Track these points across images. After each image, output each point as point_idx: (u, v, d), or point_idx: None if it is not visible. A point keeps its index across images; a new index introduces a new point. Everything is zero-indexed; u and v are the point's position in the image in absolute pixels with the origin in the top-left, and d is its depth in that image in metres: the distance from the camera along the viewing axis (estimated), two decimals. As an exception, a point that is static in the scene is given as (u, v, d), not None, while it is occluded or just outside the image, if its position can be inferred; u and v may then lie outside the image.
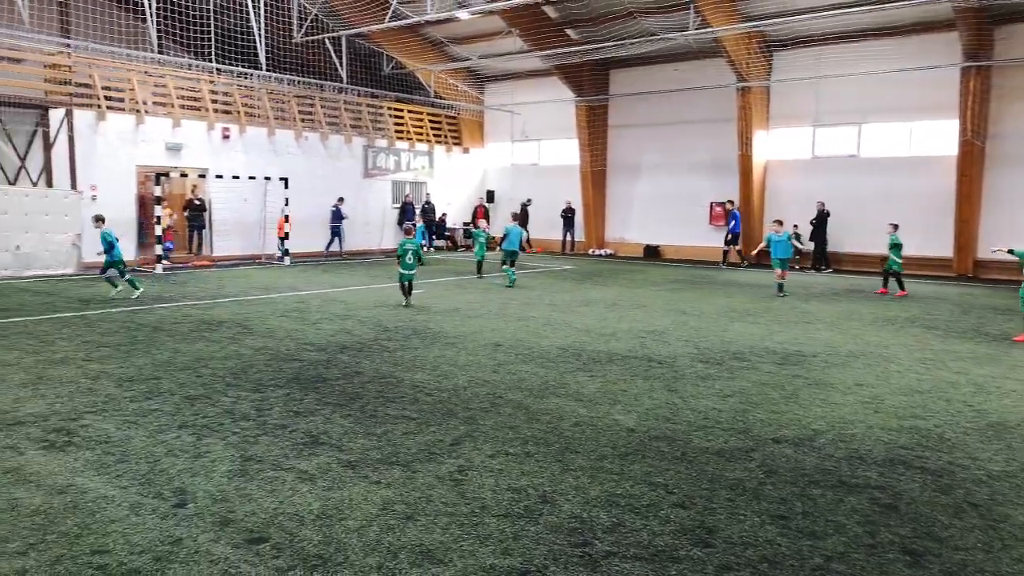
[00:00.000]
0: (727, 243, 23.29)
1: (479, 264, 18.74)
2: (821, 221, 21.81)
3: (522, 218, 26.73)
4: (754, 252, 18.86)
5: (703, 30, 20.63)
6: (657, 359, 9.26)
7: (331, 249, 23.89)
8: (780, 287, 15.84)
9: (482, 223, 23.77)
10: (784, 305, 14.40)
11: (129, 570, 3.87)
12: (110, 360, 8.64)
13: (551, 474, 5.36)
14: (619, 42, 22.31)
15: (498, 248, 20.27)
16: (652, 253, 26.04)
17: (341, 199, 23.99)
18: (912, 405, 7.34)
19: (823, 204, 21.76)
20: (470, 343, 10.05)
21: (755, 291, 16.69)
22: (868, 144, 22.12)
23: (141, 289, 13.99)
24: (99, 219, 14.13)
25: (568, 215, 27.40)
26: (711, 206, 24.89)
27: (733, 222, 23.28)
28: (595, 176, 27.00)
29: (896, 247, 16.25)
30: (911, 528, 4.58)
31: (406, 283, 13.38)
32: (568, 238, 27.53)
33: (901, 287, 16.30)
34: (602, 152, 27.16)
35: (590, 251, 27.05)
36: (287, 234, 21.54)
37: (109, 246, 13.64)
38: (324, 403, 7.05)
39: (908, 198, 21.00)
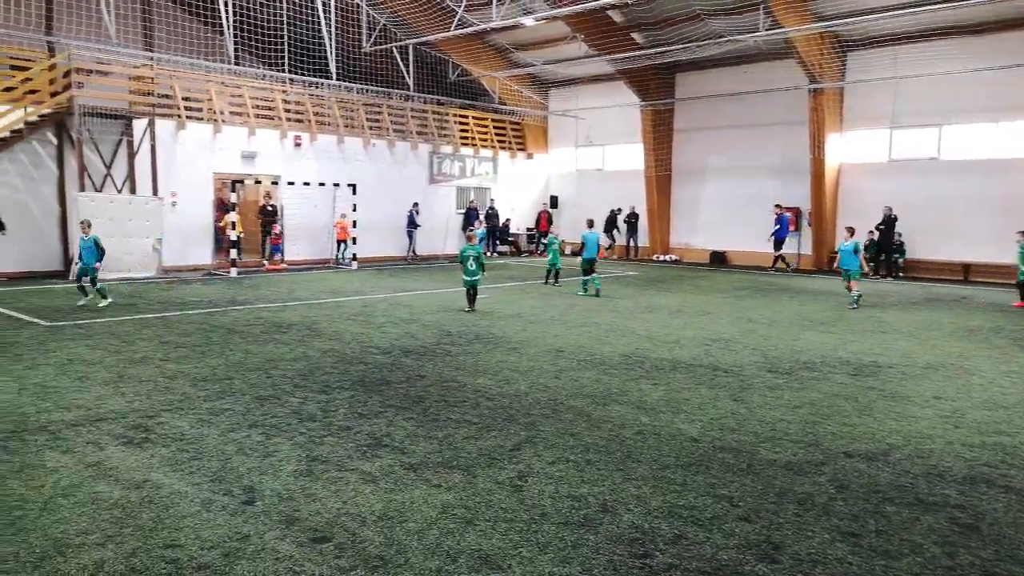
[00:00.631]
0: (775, 247, 22.96)
1: (555, 272, 18.09)
2: (888, 227, 21.01)
3: (608, 226, 26.74)
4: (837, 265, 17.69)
5: (774, 31, 20.15)
6: (723, 368, 9.07)
7: (410, 253, 24.69)
8: (856, 299, 14.73)
9: (555, 229, 23.69)
10: (859, 314, 13.90)
11: (199, 564, 4.00)
12: (186, 360, 8.98)
13: (612, 483, 5.30)
14: (686, 45, 22.01)
15: (575, 255, 19.62)
16: (719, 259, 25.54)
17: (416, 204, 24.49)
18: (996, 420, 6.97)
19: (890, 209, 20.97)
20: (532, 348, 10.04)
21: (829, 299, 16.16)
22: (950, 146, 21.17)
23: (109, 300, 13.34)
24: (87, 224, 13.70)
25: (632, 220, 27.13)
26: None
27: (779, 226, 22.91)
28: (660, 181, 26.67)
29: None
30: (993, 550, 4.34)
31: (469, 289, 13.41)
32: (631, 243, 27.25)
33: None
34: (667, 156, 26.81)
35: (654, 257, 26.72)
36: (353, 239, 21.95)
37: (89, 252, 13.01)
38: (387, 406, 7.15)
39: (994, 202, 20.00)
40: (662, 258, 26.52)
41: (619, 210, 27.39)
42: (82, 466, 5.39)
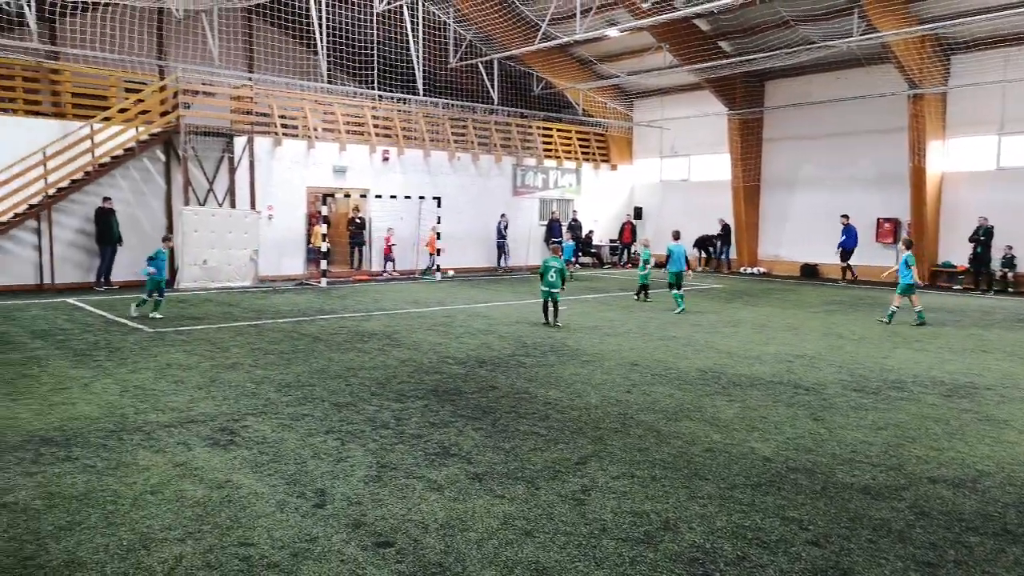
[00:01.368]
0: (841, 258, 22.39)
1: (644, 287, 17.14)
2: (987, 238, 19.80)
3: (701, 244, 26.32)
4: (884, 274, 16.48)
5: (869, 35, 19.39)
6: (804, 386, 8.77)
7: (500, 264, 25.25)
8: (918, 316, 13.85)
9: (646, 240, 23.28)
10: (959, 332, 13.15)
11: (269, 563, 4.21)
12: (273, 367, 9.41)
13: (676, 500, 5.23)
14: (775, 52, 21.46)
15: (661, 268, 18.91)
16: (809, 272, 24.66)
17: (504, 216, 25.08)
18: (1104, 449, 6.46)
19: (985, 219, 19.82)
20: (607, 362, 10.00)
21: (930, 315, 15.31)
22: (1066, 152, 19.78)
23: (140, 310, 13.54)
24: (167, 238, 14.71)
25: (724, 233, 26.52)
26: (878, 222, 23.22)
27: (845, 236, 22.33)
28: (748, 191, 26.02)
29: None
30: (1087, 589, 4.05)
31: (547, 300, 13.18)
32: (723, 256, 26.64)
33: None
34: (756, 166, 26.14)
35: (741, 269, 26.05)
36: (438, 250, 22.43)
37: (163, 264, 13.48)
38: (458, 415, 7.29)
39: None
40: (750, 271, 25.83)
41: (722, 227, 26.75)
42: (171, 465, 5.74)
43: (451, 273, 22.32)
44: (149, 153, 18.96)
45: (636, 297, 17.24)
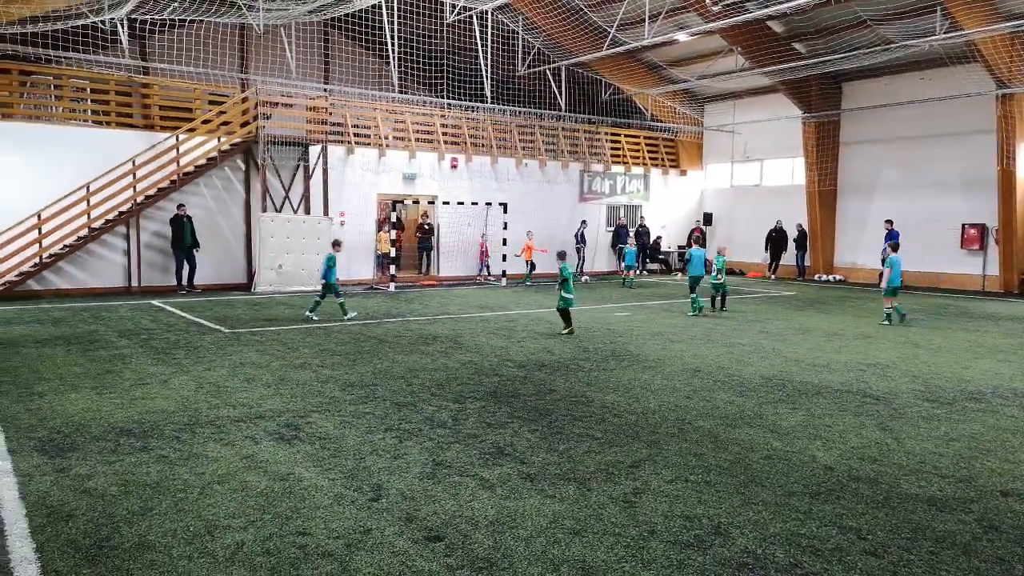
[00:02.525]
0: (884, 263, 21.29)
1: (721, 295, 16.24)
2: None
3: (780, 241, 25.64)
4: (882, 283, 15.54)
5: (952, 34, 18.60)
6: (873, 394, 8.48)
7: (577, 270, 25.32)
8: (891, 315, 14.42)
9: (721, 246, 22.71)
10: (1047, 341, 12.46)
11: (324, 552, 4.37)
12: (339, 367, 9.70)
13: (730, 506, 5.16)
14: (851, 53, 20.81)
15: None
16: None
17: (584, 222, 25.45)
18: None
19: None
20: (668, 367, 9.91)
21: (1012, 325, 14.60)
22: None
23: (351, 314, 14.17)
24: (336, 243, 15.35)
25: (799, 238, 25.78)
26: (963, 228, 22.18)
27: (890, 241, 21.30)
28: (823, 196, 25.27)
29: None
30: None
31: (565, 310, 12.64)
32: (799, 263, 25.87)
33: None
34: (832, 171, 25.36)
35: (816, 276, 25.28)
36: (503, 256, 22.55)
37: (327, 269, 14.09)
38: (515, 417, 7.36)
39: None
40: (825, 278, 25.04)
41: (799, 232, 25.93)
42: (238, 458, 6.01)
43: (503, 282, 22.42)
44: (230, 162, 19.80)
45: (712, 308, 16.09)
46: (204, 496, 5.18)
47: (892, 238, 21.79)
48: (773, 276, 25.45)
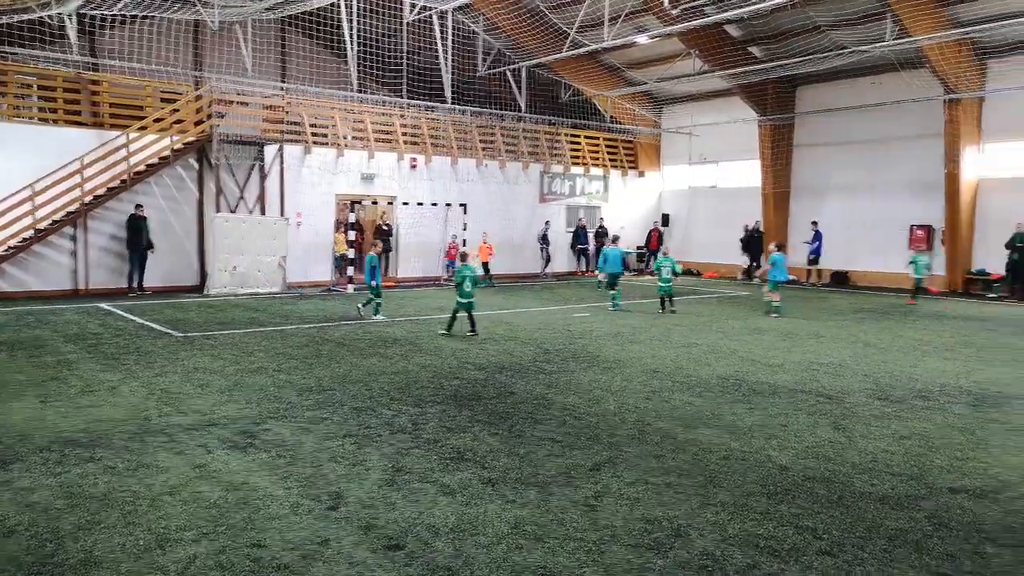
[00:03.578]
0: (809, 262, 23.62)
1: (663, 298, 16.28)
2: (1023, 245, 19.53)
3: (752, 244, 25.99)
4: (757, 273, 16.86)
5: (902, 40, 19.09)
6: (827, 394, 8.64)
7: (544, 271, 25.58)
8: (772, 306, 15.77)
9: (664, 249, 22.98)
10: (992, 341, 12.86)
11: (279, 564, 4.27)
12: (296, 371, 9.54)
13: (689, 507, 5.20)
14: (806, 58, 21.23)
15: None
16: (840, 279, 24.26)
17: (547, 223, 25.60)
18: None
19: (1021, 224, 19.55)
20: (627, 369, 9.96)
21: (961, 324, 15.05)
22: (1108, 157, 19.26)
23: (379, 316, 14.41)
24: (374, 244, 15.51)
25: (748, 239, 26.22)
26: (911, 229, 22.80)
27: (817, 243, 23.32)
28: (778, 198, 25.74)
29: None
30: (1108, 605, 3.93)
31: (463, 313, 12.56)
32: (752, 264, 26.31)
33: None
34: (786, 173, 25.85)
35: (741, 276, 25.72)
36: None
37: (371, 270, 14.37)
38: (475, 421, 7.32)
39: None
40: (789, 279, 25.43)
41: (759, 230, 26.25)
42: (190, 467, 5.86)
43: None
44: (182, 161, 19.35)
45: (662, 309, 16.25)
46: (154, 508, 5.03)
47: (817, 239, 23.46)
48: (749, 278, 25.41)
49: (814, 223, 23.79)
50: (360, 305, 14.86)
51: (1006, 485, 5.68)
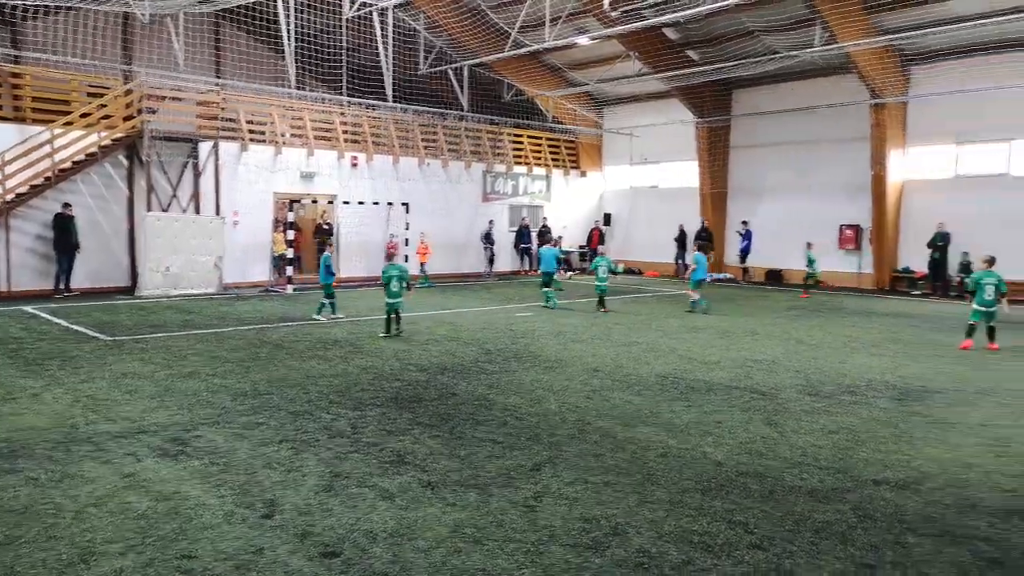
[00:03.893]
0: (740, 260, 24.80)
1: (601, 297, 16.65)
2: (944, 244, 20.55)
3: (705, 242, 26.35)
4: (686, 274, 17.56)
5: (830, 46, 19.75)
6: (760, 390, 8.89)
7: (488, 271, 25.63)
8: (698, 303, 16.51)
9: (601, 248, 23.25)
10: (915, 337, 13.42)
11: (211, 575, 4.16)
12: (231, 375, 9.31)
13: (627, 506, 5.27)
14: (741, 62, 21.77)
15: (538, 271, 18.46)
16: (775, 278, 24.98)
17: (491, 222, 25.72)
18: (1045, 451, 6.64)
19: (943, 225, 20.60)
20: (569, 368, 10.05)
21: (888, 320, 15.66)
22: (1020, 161, 20.27)
23: (320, 318, 14.44)
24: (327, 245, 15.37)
25: (681, 238, 26.81)
26: (840, 229, 23.61)
27: (746, 242, 24.48)
28: (715, 198, 26.33)
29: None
30: (1017, 589, 4.15)
31: (391, 313, 12.51)
32: (680, 261, 26.93)
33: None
34: (723, 174, 26.47)
35: (707, 276, 26.28)
36: (405, 256, 22.25)
37: (326, 269, 14.43)
38: (416, 423, 7.27)
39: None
40: (717, 277, 26.06)
41: (680, 232, 26.85)
42: (118, 477, 5.66)
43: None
44: (111, 158, 18.67)
45: (599, 307, 16.54)
46: (79, 520, 4.84)
47: (747, 238, 24.51)
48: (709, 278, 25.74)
49: (744, 223, 24.83)
50: (315, 315, 14.51)
51: (927, 476, 5.94)
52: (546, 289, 17.27)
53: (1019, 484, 5.77)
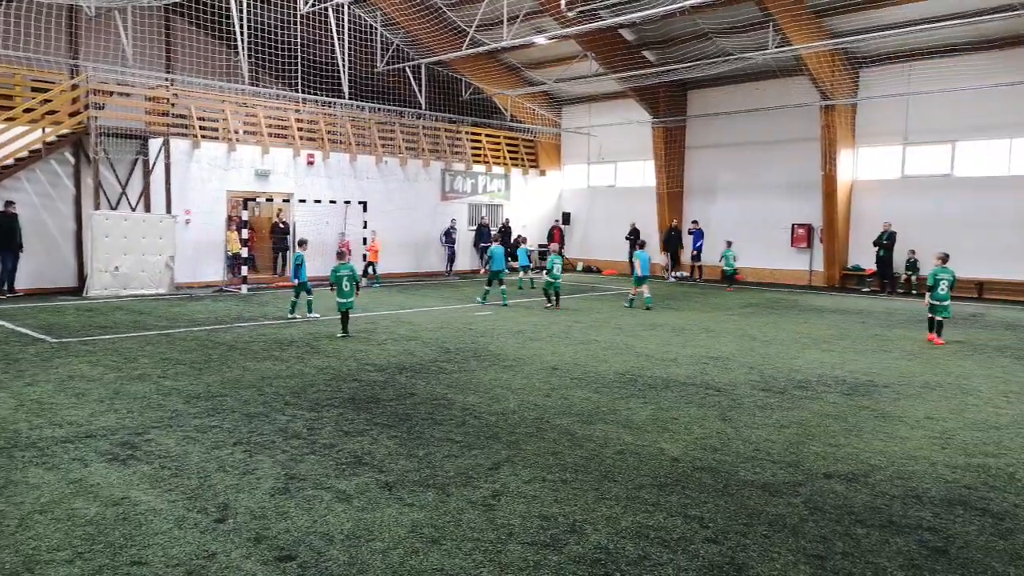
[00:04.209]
0: (692, 259, 25.31)
1: (556, 293, 16.91)
2: (890, 242, 21.23)
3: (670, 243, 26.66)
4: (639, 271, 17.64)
5: (783, 49, 20.15)
6: (715, 386, 9.03)
7: (449, 270, 25.65)
8: (631, 302, 17.31)
9: (553, 247, 23.03)
10: (863, 332, 13.78)
11: (162, 581, 4.07)
12: (183, 377, 9.11)
13: (585, 502, 5.31)
14: (696, 63, 22.07)
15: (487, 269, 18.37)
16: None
17: (453, 220, 25.67)
18: (985, 441, 6.88)
19: (889, 224, 21.26)
20: (528, 366, 10.07)
21: (837, 317, 16.04)
22: (963, 163, 20.98)
23: (294, 316, 14.66)
24: (301, 243, 15.58)
25: (632, 237, 27.10)
26: (793, 228, 24.12)
27: (700, 242, 24.97)
28: (671, 198, 26.66)
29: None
30: (959, 574, 4.29)
31: (343, 312, 12.46)
32: (629, 259, 27.31)
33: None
34: (679, 173, 26.81)
35: (664, 274, 26.63)
36: (363, 255, 22.12)
37: (296, 268, 14.64)
38: (374, 423, 7.22)
39: (1008, 219, 19.78)
40: (673, 275, 26.40)
41: (631, 231, 27.23)
42: (64, 483, 5.50)
43: (363, 281, 22.03)
44: (57, 155, 18.10)
45: (549, 303, 16.91)
46: (23, 528, 4.69)
47: (698, 237, 25.08)
48: (673, 276, 25.95)
49: (694, 222, 25.33)
50: (288, 316, 14.62)
51: (875, 469, 6.10)
52: (487, 287, 17.52)
53: (961, 475, 5.97)
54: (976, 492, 5.59)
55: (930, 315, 12.78)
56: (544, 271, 18.22)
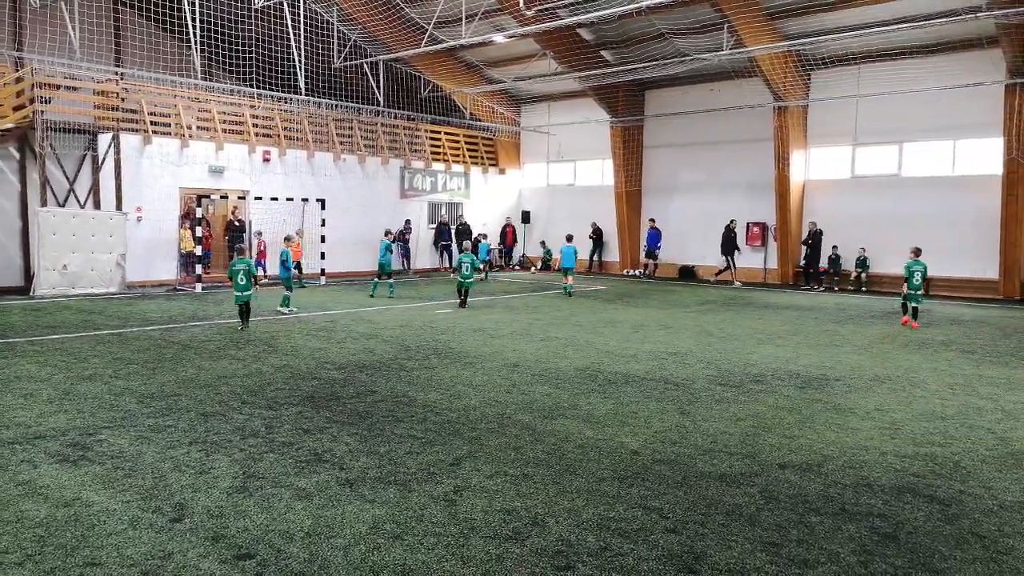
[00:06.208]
0: (647, 256, 25.84)
1: (466, 291, 16.54)
2: (815, 241, 22.17)
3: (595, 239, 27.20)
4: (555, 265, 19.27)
5: (737, 50, 20.50)
6: (674, 381, 9.16)
7: (407, 268, 25.64)
8: (569, 289, 19.25)
9: (467, 244, 22.25)
10: (816, 328, 14.11)
11: (116, 582, 3.98)
12: (136, 377, 8.91)
13: (546, 496, 5.35)
14: (652, 63, 22.32)
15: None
16: (687, 274, 25.78)
17: (408, 221, 25.66)
18: (932, 432, 7.11)
19: (815, 224, 22.17)
20: (489, 363, 10.09)
21: (791, 313, 16.39)
22: (910, 163, 21.62)
23: (290, 308, 15.23)
24: (287, 238, 16.19)
25: (596, 235, 27.43)
26: (748, 226, 24.57)
27: (659, 240, 25.50)
28: (630, 196, 26.92)
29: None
30: (908, 559, 4.44)
31: (242, 305, 12.66)
32: (595, 258, 27.68)
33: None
34: (637, 172, 27.08)
35: (624, 272, 26.91)
36: (322, 254, 21.87)
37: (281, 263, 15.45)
38: (333, 421, 7.15)
39: (952, 217, 20.45)
40: (632, 272, 26.71)
41: (594, 230, 27.55)
42: (13, 485, 5.33)
43: (322, 281, 21.81)
44: (1, 150, 17.52)
45: (460, 303, 16.43)
46: (-32, 533, 4.54)
47: (656, 236, 25.48)
48: (640, 273, 26.28)
49: (651, 220, 25.77)
50: (279, 308, 15.19)
51: (827, 459, 6.26)
52: (384, 280, 18.39)
53: (909, 464, 6.17)
54: (924, 480, 5.78)
55: (903, 302, 14.58)
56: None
